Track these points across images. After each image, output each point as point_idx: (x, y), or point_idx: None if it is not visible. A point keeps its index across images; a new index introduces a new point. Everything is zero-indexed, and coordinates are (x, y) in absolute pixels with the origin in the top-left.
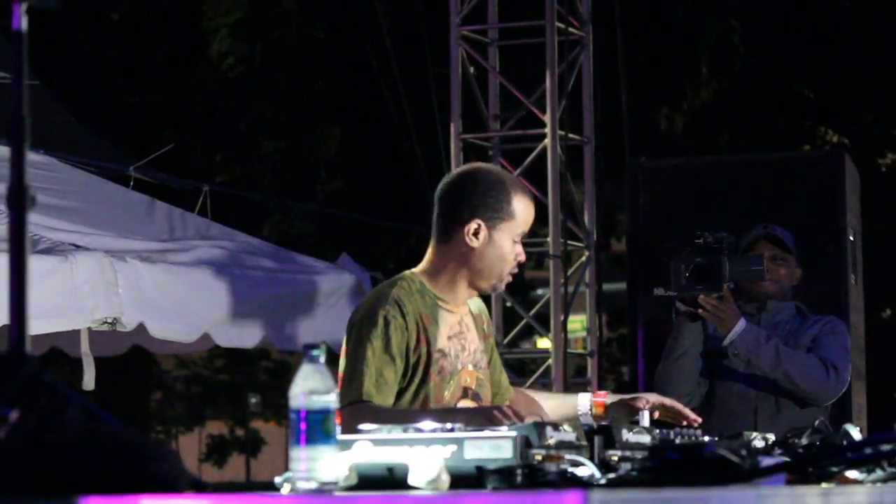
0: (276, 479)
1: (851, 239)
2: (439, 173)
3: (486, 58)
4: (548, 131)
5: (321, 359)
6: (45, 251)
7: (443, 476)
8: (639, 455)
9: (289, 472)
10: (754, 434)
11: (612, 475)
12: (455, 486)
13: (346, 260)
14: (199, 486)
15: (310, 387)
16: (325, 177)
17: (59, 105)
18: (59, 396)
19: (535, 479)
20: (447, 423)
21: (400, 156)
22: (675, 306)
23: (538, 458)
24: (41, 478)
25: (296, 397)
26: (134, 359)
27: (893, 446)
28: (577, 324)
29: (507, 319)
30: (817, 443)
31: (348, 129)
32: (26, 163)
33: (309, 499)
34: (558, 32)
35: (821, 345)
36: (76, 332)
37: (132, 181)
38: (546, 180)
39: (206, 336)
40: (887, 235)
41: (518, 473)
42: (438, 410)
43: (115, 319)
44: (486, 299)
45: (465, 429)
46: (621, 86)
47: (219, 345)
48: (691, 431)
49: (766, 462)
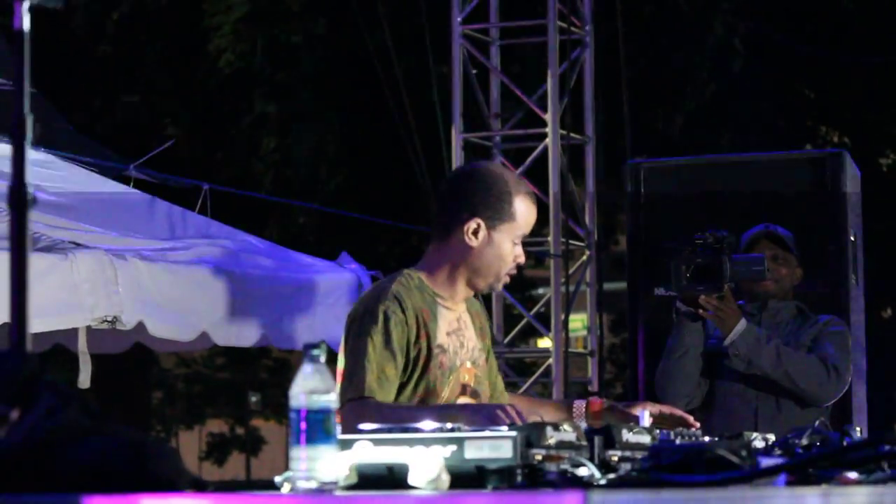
0: (277, 479)
1: (852, 239)
2: (440, 172)
3: (488, 57)
4: (549, 130)
5: (321, 358)
6: (46, 249)
7: (443, 476)
8: (639, 455)
9: (289, 471)
10: (754, 434)
11: (612, 475)
12: (455, 485)
13: (347, 259)
14: (199, 484)
15: (310, 386)
16: (325, 175)
17: (59, 115)
18: (59, 395)
19: (536, 479)
20: (449, 422)
21: (401, 154)
22: (676, 306)
23: (538, 458)
24: (42, 477)
25: (296, 397)
26: (135, 357)
27: (894, 447)
28: (578, 323)
29: (507, 318)
30: (817, 443)
31: (349, 128)
32: (27, 161)
33: (309, 498)
34: (560, 32)
35: (822, 345)
36: (76, 330)
37: (132, 180)
38: (547, 179)
39: (205, 335)
40: (888, 235)
41: (518, 473)
42: (441, 407)
43: (115, 318)
44: (486, 298)
45: (465, 429)
46: (622, 85)
47: (217, 344)
48: (691, 432)
49: (766, 463)
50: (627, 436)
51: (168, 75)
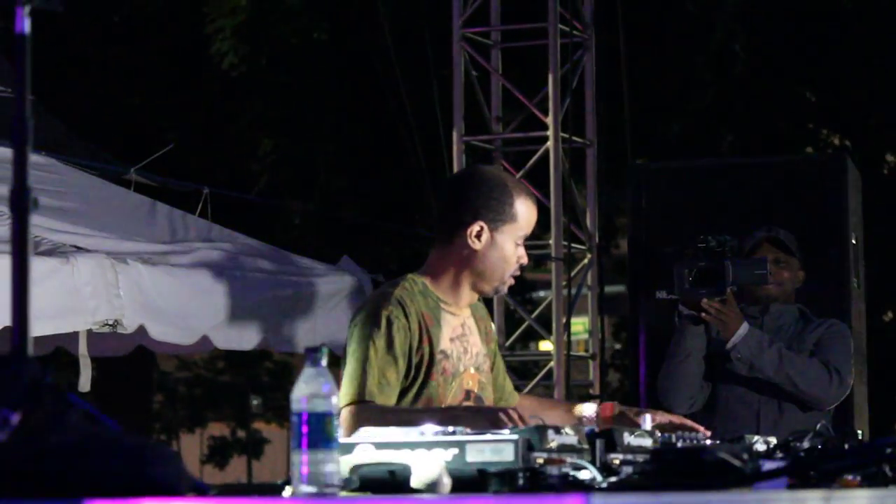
0: (278, 482)
1: (853, 242)
2: (441, 175)
3: (489, 60)
4: (550, 134)
5: (323, 362)
6: (47, 253)
7: (444, 479)
8: (640, 459)
9: (291, 474)
10: (756, 437)
11: (614, 479)
12: (457, 489)
13: (348, 262)
14: (200, 488)
15: (312, 390)
16: (325, 178)
17: (58, 121)
18: (61, 399)
19: (537, 482)
20: (450, 425)
21: (402, 158)
22: (679, 310)
23: (540, 461)
24: (43, 481)
25: (297, 401)
26: (136, 360)
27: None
28: (580, 326)
29: (509, 322)
30: (819, 446)
31: (350, 131)
32: (28, 165)
33: (311, 502)
34: (561, 35)
35: (824, 348)
36: (77, 333)
37: (133, 184)
38: (548, 183)
39: (206, 338)
40: (889, 238)
41: (520, 477)
42: (442, 409)
43: (116, 321)
44: (488, 301)
45: (466, 432)
46: (623, 89)
47: (218, 347)
48: (693, 435)
49: (768, 466)
50: (629, 439)
51: (168, 78)
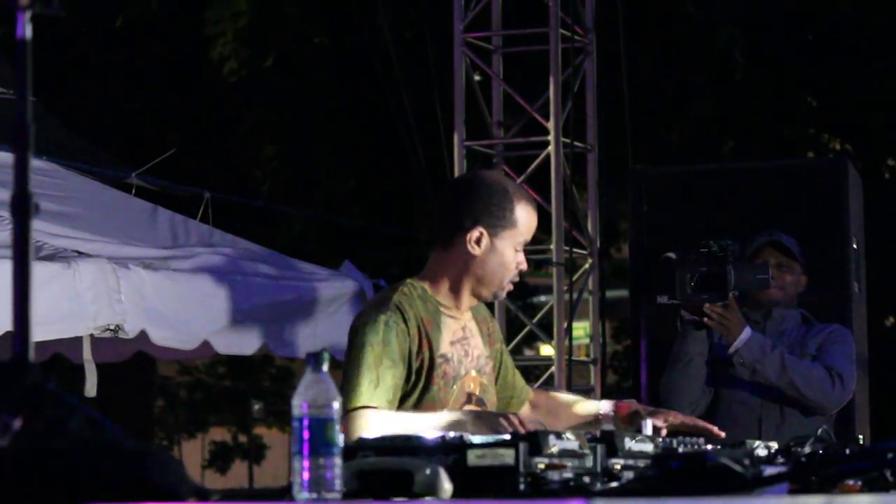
0: (280, 487)
1: (854, 246)
2: (442, 180)
3: (490, 65)
4: (551, 139)
5: (325, 367)
6: (48, 258)
7: (445, 484)
8: (641, 464)
9: (292, 480)
10: (757, 443)
11: (615, 484)
12: (457, 494)
13: (349, 267)
14: (202, 493)
15: (313, 395)
16: (326, 183)
17: (60, 123)
18: (62, 404)
19: (538, 487)
20: (451, 430)
21: (403, 162)
22: (681, 314)
23: (541, 466)
24: (45, 486)
25: (299, 406)
26: (137, 366)
27: None
28: (581, 331)
29: (510, 326)
30: (820, 451)
31: (351, 135)
32: (30, 169)
33: None
34: (562, 40)
35: (826, 353)
36: (79, 339)
37: (134, 188)
38: (549, 187)
39: (207, 343)
40: (890, 242)
41: (521, 482)
42: (443, 414)
43: (118, 326)
44: (489, 306)
45: (468, 437)
46: (624, 93)
47: (219, 352)
48: (694, 440)
49: (769, 471)
50: (630, 444)
51: (169, 83)
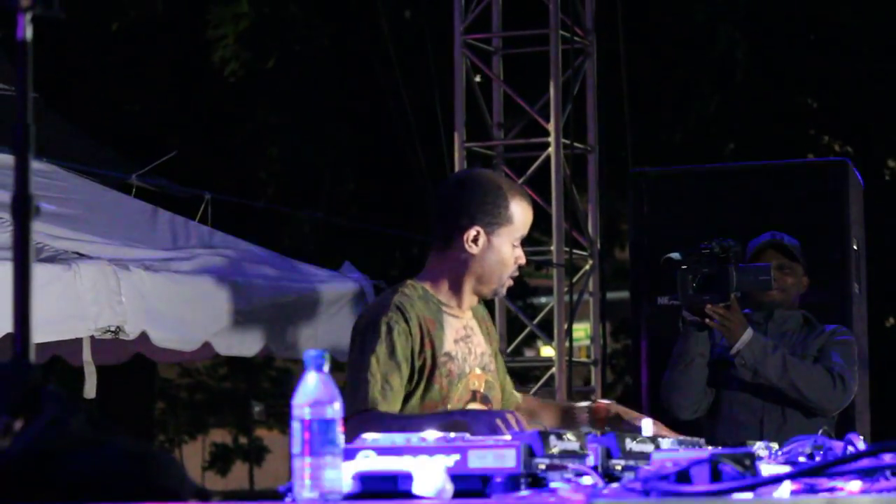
0: (280, 488)
1: (855, 248)
2: (443, 181)
3: (490, 66)
4: (551, 140)
5: (325, 368)
6: (49, 259)
7: (446, 485)
8: (642, 464)
9: (292, 481)
10: (758, 443)
11: (615, 485)
12: (459, 495)
13: (349, 268)
14: (203, 494)
15: (313, 396)
16: (328, 184)
17: (61, 117)
18: (63, 405)
19: (539, 488)
20: (451, 430)
21: (403, 164)
22: (682, 315)
23: (542, 467)
24: (45, 488)
25: (299, 407)
26: (137, 367)
27: None
28: (581, 332)
29: (510, 327)
30: (821, 452)
31: (351, 137)
32: (30, 171)
33: None
34: (562, 41)
35: (828, 355)
36: (78, 341)
37: (134, 189)
38: (550, 189)
39: (207, 345)
40: (890, 244)
41: (522, 483)
42: (442, 415)
43: (118, 328)
44: (489, 307)
45: (468, 438)
46: (624, 95)
47: (220, 353)
48: (695, 441)
49: (770, 472)
50: (630, 445)
51: (171, 85)
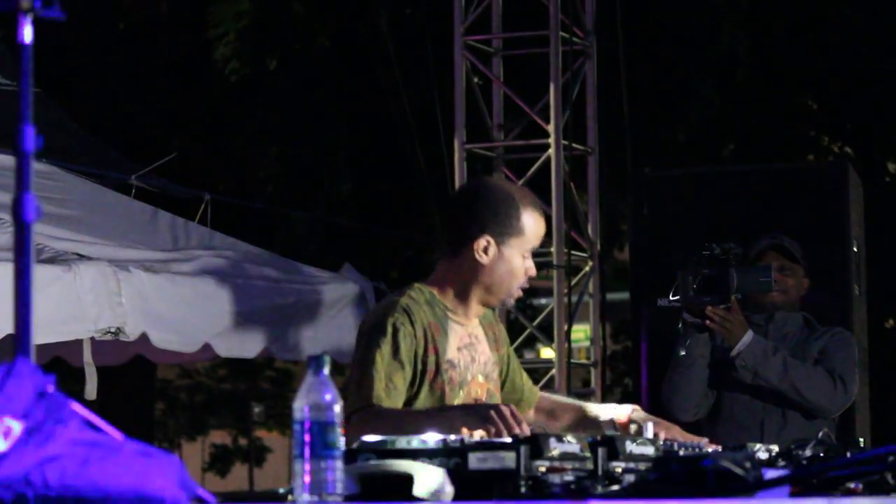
0: (280, 490)
1: (855, 249)
2: (442, 183)
3: (490, 67)
4: (552, 141)
5: (326, 370)
6: (49, 260)
7: (446, 487)
8: (642, 467)
9: (292, 483)
10: (758, 445)
11: (616, 487)
12: (459, 497)
13: (349, 270)
14: (203, 496)
15: (314, 399)
16: (326, 185)
17: (62, 112)
18: (63, 408)
19: (539, 490)
20: (446, 423)
21: (403, 165)
22: (683, 317)
23: (542, 469)
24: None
25: (300, 409)
26: (137, 368)
27: None
28: (581, 333)
29: (510, 329)
30: (821, 454)
31: (351, 138)
32: (31, 173)
33: None
34: (562, 42)
35: (828, 356)
36: (78, 342)
37: (133, 189)
38: (550, 190)
39: (207, 346)
40: (891, 245)
41: (522, 484)
42: (438, 409)
43: (119, 329)
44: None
45: (468, 440)
46: (623, 96)
47: (220, 355)
48: (695, 443)
49: (770, 474)
50: (631, 447)
51: (172, 84)
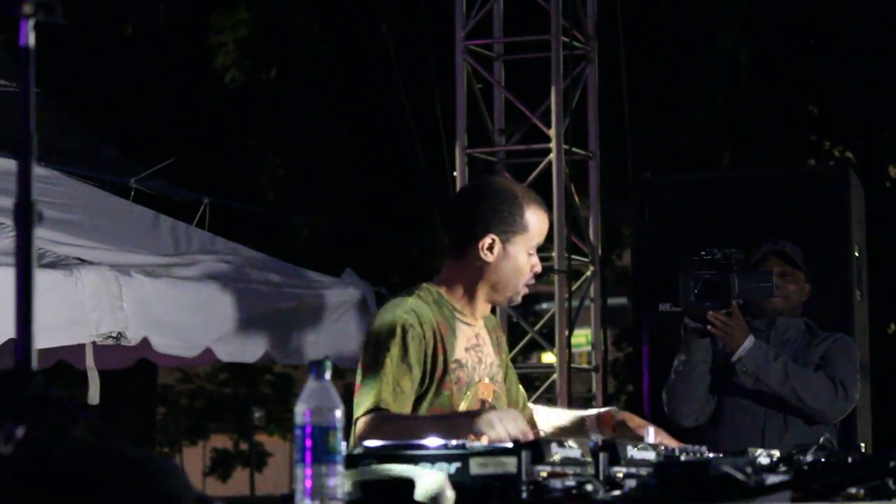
0: (281, 495)
1: (856, 254)
2: (444, 187)
3: (492, 72)
4: (553, 146)
5: (327, 375)
6: (50, 265)
7: (447, 492)
8: (644, 472)
9: (294, 488)
10: (759, 451)
11: (617, 492)
12: (460, 502)
13: (350, 274)
14: (204, 501)
15: (315, 403)
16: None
17: (63, 113)
18: (65, 412)
19: (541, 495)
20: (452, 429)
21: (404, 169)
22: (684, 322)
23: (543, 474)
24: (47, 495)
25: (301, 414)
26: (138, 373)
27: None
28: (582, 338)
29: (511, 334)
30: (822, 460)
31: (352, 142)
32: (32, 177)
33: None
34: (564, 47)
35: (830, 362)
36: (81, 346)
37: (133, 192)
38: (551, 195)
39: (209, 350)
40: (892, 250)
41: (523, 490)
42: (443, 416)
43: (120, 334)
44: (491, 312)
45: (470, 445)
46: (624, 100)
47: (221, 360)
48: (696, 448)
49: (771, 480)
50: (632, 452)
51: (173, 90)
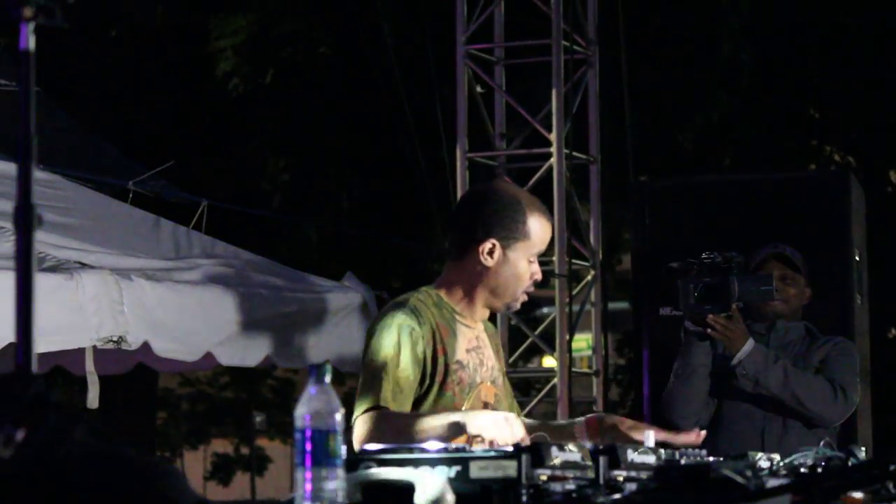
0: (282, 499)
1: (857, 258)
2: (444, 192)
3: (493, 76)
4: (553, 150)
5: (327, 379)
6: (51, 269)
7: (448, 496)
8: (644, 475)
9: (294, 492)
10: (759, 454)
11: (618, 496)
12: None
13: (351, 278)
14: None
15: (315, 407)
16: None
17: (62, 113)
18: (65, 415)
19: (541, 499)
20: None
21: (405, 173)
22: (684, 325)
23: (543, 478)
24: (47, 498)
25: (301, 417)
26: (138, 377)
27: None
28: (583, 342)
29: (512, 338)
30: (822, 463)
31: (352, 147)
32: (33, 181)
33: None
34: (564, 51)
35: (829, 366)
36: (79, 351)
37: (131, 194)
38: (551, 199)
39: (209, 355)
40: (892, 254)
41: (523, 493)
42: (441, 414)
43: (121, 338)
44: (491, 317)
45: (470, 449)
46: (625, 105)
47: (222, 364)
48: (696, 452)
49: (771, 483)
50: (633, 456)
51: (173, 94)
